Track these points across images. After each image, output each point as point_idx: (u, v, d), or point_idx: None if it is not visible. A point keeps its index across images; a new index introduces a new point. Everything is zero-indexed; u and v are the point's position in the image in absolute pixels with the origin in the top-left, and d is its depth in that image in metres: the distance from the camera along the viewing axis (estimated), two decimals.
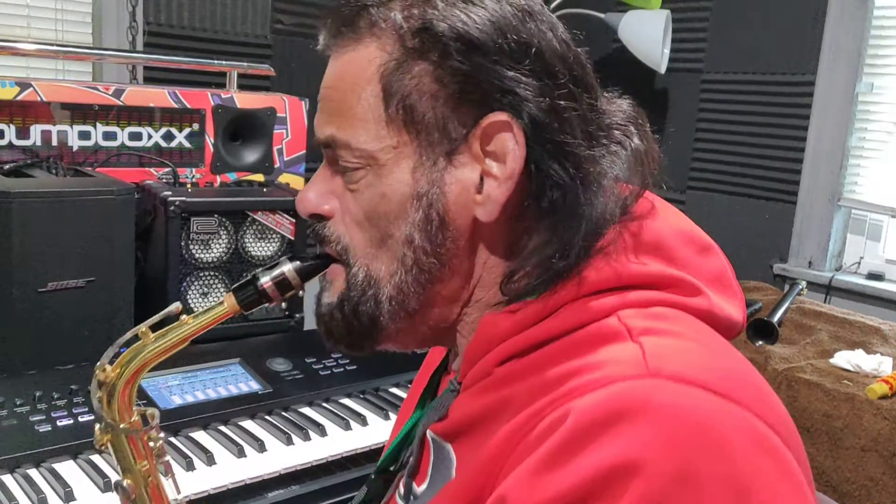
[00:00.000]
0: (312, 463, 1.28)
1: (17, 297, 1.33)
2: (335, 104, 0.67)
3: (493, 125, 0.62)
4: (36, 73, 2.30)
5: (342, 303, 0.69)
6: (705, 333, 0.63)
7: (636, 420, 0.52)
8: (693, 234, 0.71)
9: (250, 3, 2.66)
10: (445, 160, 0.64)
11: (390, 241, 0.66)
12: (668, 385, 0.54)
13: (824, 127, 2.71)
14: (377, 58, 0.64)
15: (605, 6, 3.03)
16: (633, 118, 0.69)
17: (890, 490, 1.74)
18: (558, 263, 0.62)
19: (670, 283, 0.64)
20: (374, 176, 0.65)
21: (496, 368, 0.64)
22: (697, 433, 0.51)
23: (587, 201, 0.63)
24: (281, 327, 1.67)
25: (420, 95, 0.63)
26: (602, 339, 0.59)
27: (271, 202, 1.64)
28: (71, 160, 1.66)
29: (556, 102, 0.62)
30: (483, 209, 0.64)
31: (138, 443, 0.76)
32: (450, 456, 0.67)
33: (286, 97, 1.93)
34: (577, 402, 0.54)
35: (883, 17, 2.62)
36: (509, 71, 0.62)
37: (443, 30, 0.62)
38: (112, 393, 0.74)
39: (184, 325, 0.73)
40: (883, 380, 1.85)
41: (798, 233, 2.80)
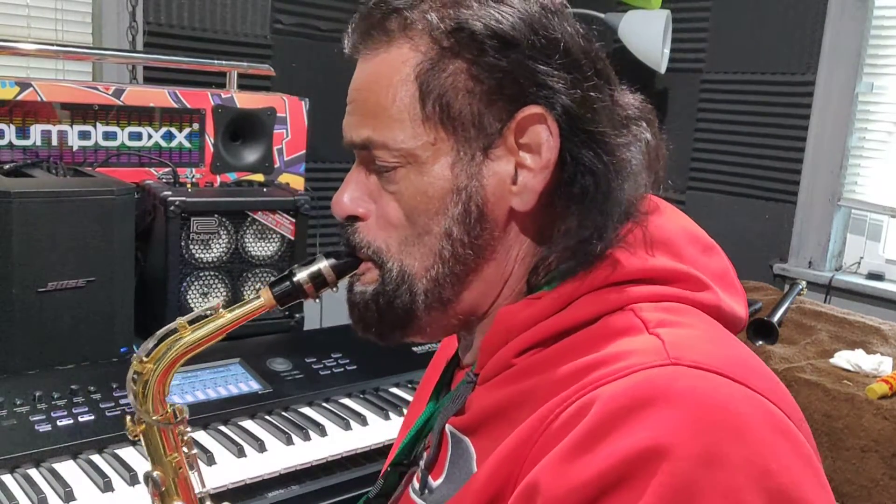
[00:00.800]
0: (312, 463, 1.28)
1: (17, 297, 1.33)
2: (369, 106, 0.68)
3: (527, 118, 0.65)
4: (36, 73, 2.30)
5: (377, 296, 0.70)
6: (715, 327, 0.65)
7: (661, 405, 0.54)
8: (697, 233, 0.73)
9: (250, 3, 2.65)
10: (482, 154, 0.66)
11: (427, 236, 0.68)
12: (690, 372, 0.56)
13: (824, 127, 2.71)
14: (412, 58, 0.66)
15: (605, 6, 3.03)
16: (646, 113, 0.72)
17: (890, 491, 1.74)
18: (595, 246, 0.65)
19: (680, 278, 0.66)
20: (414, 174, 0.67)
21: (516, 359, 0.66)
22: (720, 417, 0.53)
23: (619, 186, 0.65)
24: (281, 327, 1.67)
25: (456, 93, 0.65)
26: (620, 332, 0.62)
27: (271, 202, 1.64)
28: (71, 160, 1.66)
29: (586, 94, 0.65)
30: (519, 199, 0.66)
31: (169, 435, 0.78)
32: (469, 450, 0.68)
33: (286, 97, 1.93)
34: (602, 389, 0.56)
35: (883, 17, 2.62)
36: (542, 66, 0.64)
37: (478, 28, 0.64)
38: (147, 385, 0.75)
39: (219, 318, 0.75)
40: (883, 380, 1.85)
41: (798, 233, 2.80)
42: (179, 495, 0.79)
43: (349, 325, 0.74)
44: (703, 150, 3.06)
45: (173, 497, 0.78)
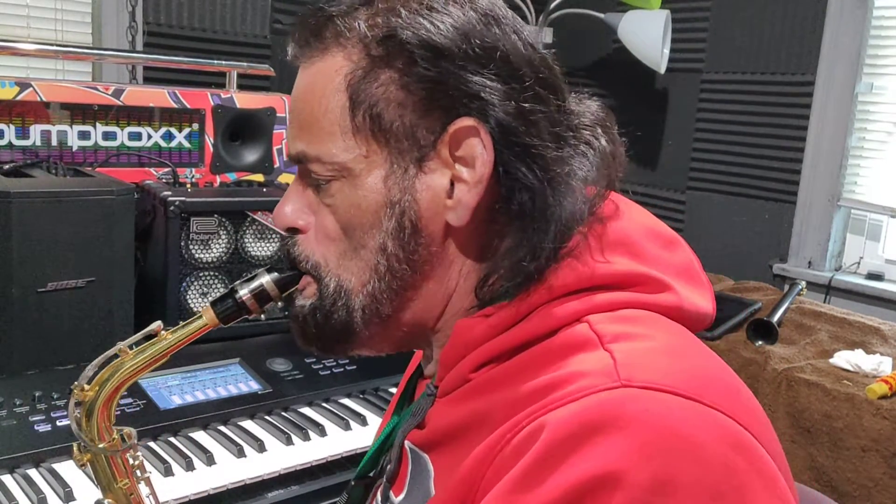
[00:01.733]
0: (312, 463, 1.28)
1: (17, 297, 1.33)
2: (303, 118, 0.67)
3: (460, 130, 0.63)
4: (36, 73, 2.30)
5: (314, 310, 0.70)
6: (674, 333, 0.63)
7: (610, 431, 0.52)
8: (657, 228, 0.71)
9: (250, 3, 2.66)
10: (416, 167, 0.64)
11: (363, 250, 0.66)
12: (640, 394, 0.54)
13: (824, 127, 2.71)
14: (343, 67, 0.65)
15: (605, 6, 3.03)
16: (601, 119, 0.70)
17: (890, 490, 1.74)
18: (529, 266, 0.63)
19: (637, 282, 0.65)
20: (349, 187, 0.66)
21: (473, 374, 0.65)
22: (670, 440, 0.52)
23: (556, 202, 0.63)
24: (281, 327, 1.67)
25: (387, 103, 0.63)
26: (574, 348, 0.60)
27: (271, 202, 1.64)
28: (71, 160, 1.66)
29: (522, 105, 0.63)
30: (454, 214, 0.64)
31: (118, 461, 0.76)
32: (427, 467, 0.67)
33: (286, 97, 1.93)
34: (550, 415, 0.55)
35: (883, 17, 2.62)
36: (475, 76, 0.62)
37: (407, 37, 0.62)
38: (91, 412, 0.74)
39: (162, 341, 0.73)
40: (883, 380, 1.85)
41: (798, 233, 2.80)
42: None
43: None
44: (702, 150, 3.06)
45: None
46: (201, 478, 1.19)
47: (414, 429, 0.70)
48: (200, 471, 1.21)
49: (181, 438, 1.28)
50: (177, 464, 1.20)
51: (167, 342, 0.73)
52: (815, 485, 1.85)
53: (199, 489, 1.16)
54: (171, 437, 1.28)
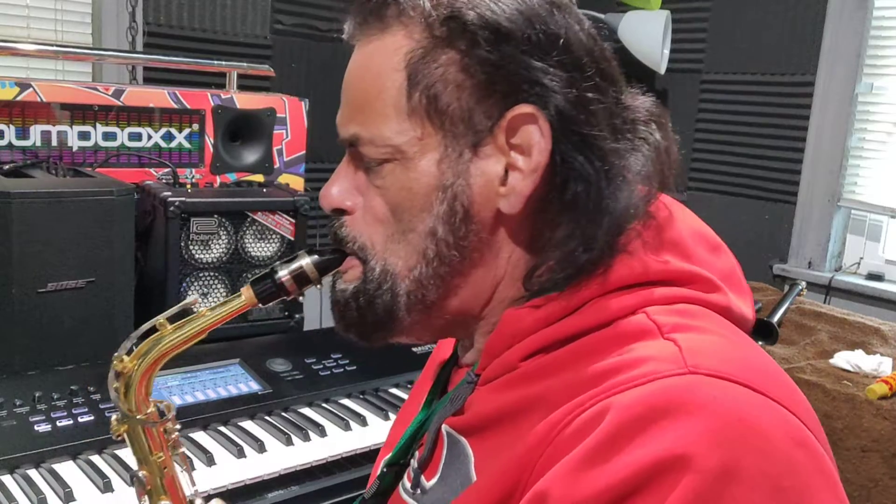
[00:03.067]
0: (312, 463, 1.28)
1: (17, 297, 1.33)
2: (358, 100, 0.66)
3: (518, 117, 0.62)
4: (36, 73, 2.30)
5: (357, 294, 0.68)
6: (729, 329, 0.63)
7: (680, 416, 0.52)
8: (704, 232, 0.71)
9: (250, 4, 2.66)
10: (471, 152, 0.63)
11: (412, 234, 0.65)
12: (709, 381, 0.54)
13: (824, 127, 2.71)
14: (404, 46, 0.63)
15: (605, 6, 3.03)
16: (655, 115, 0.69)
17: (891, 491, 1.74)
18: (581, 257, 0.62)
19: (691, 280, 0.64)
20: (400, 169, 0.65)
21: (522, 363, 0.64)
22: (739, 429, 0.52)
23: (611, 195, 0.62)
24: (281, 328, 1.67)
25: (445, 85, 0.62)
26: (634, 336, 0.59)
27: (271, 202, 1.64)
28: (71, 161, 1.66)
29: (583, 94, 0.62)
30: (507, 201, 0.63)
31: (154, 434, 0.77)
32: (465, 451, 0.66)
33: (286, 97, 1.93)
34: (617, 397, 0.55)
35: (883, 17, 2.62)
36: (537, 62, 0.61)
37: (471, 18, 0.61)
38: (129, 384, 0.74)
39: (201, 318, 0.73)
40: (883, 380, 1.85)
41: (798, 233, 2.80)
42: (167, 494, 0.77)
43: None
44: (702, 150, 3.06)
45: (160, 496, 0.77)
46: (201, 478, 1.19)
47: (451, 415, 0.68)
48: (200, 471, 1.21)
49: (181, 439, 1.28)
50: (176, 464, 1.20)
51: (205, 319, 0.73)
52: None
53: (199, 489, 1.16)
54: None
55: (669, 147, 0.68)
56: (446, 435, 0.69)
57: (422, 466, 0.71)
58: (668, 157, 0.68)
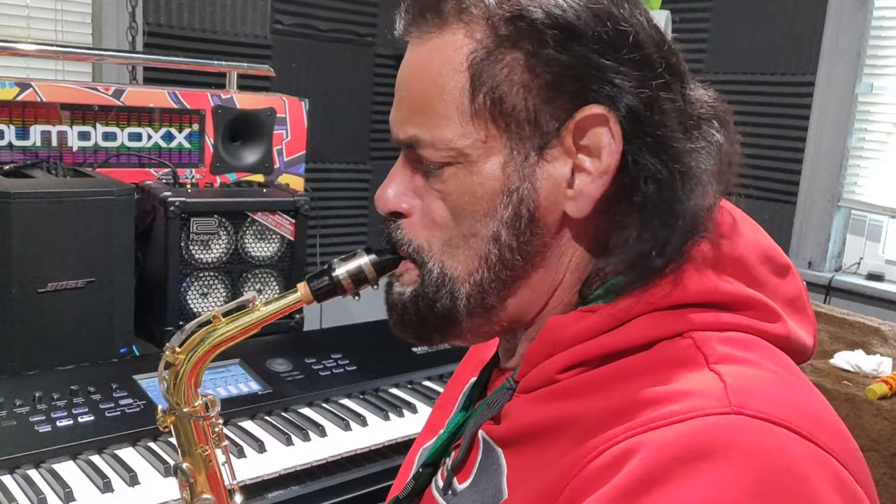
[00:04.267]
0: (312, 463, 1.28)
1: (17, 297, 1.33)
2: (416, 100, 0.64)
3: (587, 119, 0.59)
4: (36, 73, 2.30)
5: (416, 298, 0.67)
6: (782, 363, 0.59)
7: (720, 460, 0.49)
8: (772, 252, 0.67)
9: (250, 4, 2.66)
10: (537, 154, 0.61)
11: (473, 239, 0.63)
12: (754, 424, 0.51)
13: (824, 127, 2.71)
14: (465, 45, 0.61)
15: None
16: (719, 112, 0.66)
17: (890, 490, 1.74)
18: (654, 260, 0.59)
19: (749, 305, 0.61)
20: (463, 173, 0.62)
21: (561, 375, 0.61)
22: (784, 479, 0.49)
23: (686, 196, 0.60)
24: (281, 328, 1.67)
25: (511, 86, 0.60)
26: (678, 364, 0.56)
27: (271, 203, 1.64)
28: (71, 161, 1.66)
29: (655, 93, 0.59)
30: (574, 204, 0.61)
31: (201, 427, 0.77)
32: (499, 461, 0.64)
33: (286, 97, 1.93)
34: (651, 434, 0.51)
35: (883, 17, 2.62)
36: (608, 61, 0.58)
37: (539, 17, 0.58)
38: (179, 376, 0.74)
39: (255, 312, 0.72)
40: (883, 380, 1.85)
41: (798, 233, 2.80)
42: (209, 487, 0.78)
43: (349, 326, 0.74)
44: None
45: (202, 489, 0.77)
46: None
47: (489, 420, 0.66)
48: None
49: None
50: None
51: (260, 313, 0.72)
52: None
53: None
54: (171, 438, 1.28)
55: (732, 149, 0.65)
56: (482, 441, 0.67)
57: (455, 469, 0.69)
58: (729, 160, 0.64)
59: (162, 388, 0.75)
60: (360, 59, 2.93)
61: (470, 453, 0.68)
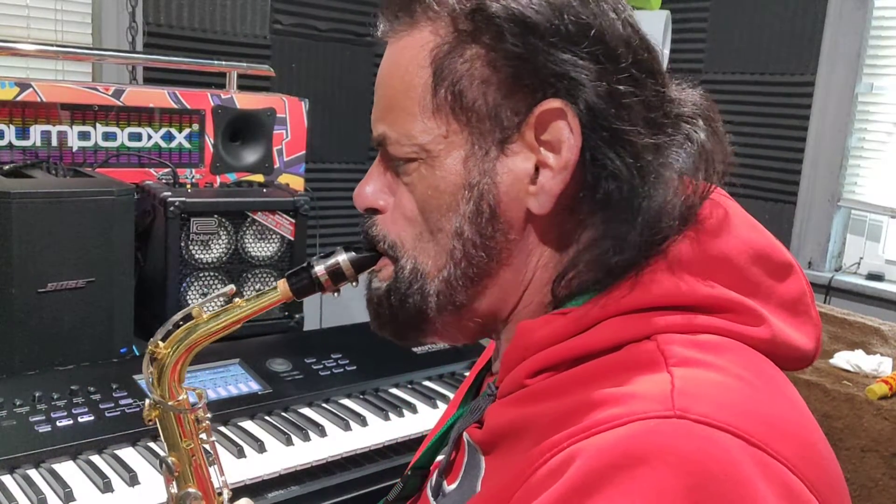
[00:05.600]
0: (312, 463, 1.28)
1: (17, 297, 1.33)
2: (387, 98, 0.65)
3: (547, 113, 0.59)
4: (36, 73, 2.30)
5: (389, 293, 0.68)
6: (753, 368, 0.57)
7: (657, 465, 0.47)
8: (770, 251, 0.64)
9: (249, 4, 2.66)
10: (498, 149, 0.61)
11: (440, 234, 0.64)
12: (695, 429, 0.49)
13: (824, 127, 2.71)
14: (430, 42, 0.62)
15: None
16: (703, 110, 0.65)
17: (890, 491, 1.74)
18: (612, 258, 0.59)
19: (729, 308, 0.59)
20: (426, 168, 0.63)
21: (530, 380, 0.61)
22: (724, 485, 0.47)
23: (645, 193, 0.59)
24: (281, 328, 1.67)
25: (471, 81, 0.61)
26: (635, 366, 0.55)
27: (271, 203, 1.64)
28: (71, 161, 1.66)
29: (615, 87, 0.59)
30: (536, 200, 0.61)
31: (185, 421, 0.78)
32: (480, 464, 0.65)
33: (286, 97, 1.93)
34: (587, 442, 0.51)
35: (883, 17, 2.62)
36: (565, 54, 0.58)
37: (496, 10, 0.59)
38: (162, 370, 0.75)
39: (236, 308, 0.73)
40: (883, 380, 1.85)
41: (798, 233, 2.80)
42: (194, 482, 0.78)
43: (349, 326, 0.74)
44: None
45: (188, 483, 0.78)
46: None
47: (474, 424, 0.67)
48: None
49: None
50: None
51: (241, 310, 0.73)
52: None
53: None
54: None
55: (718, 145, 0.64)
56: (467, 444, 0.68)
57: (443, 472, 0.70)
58: (715, 155, 0.63)
59: (146, 382, 0.76)
60: (360, 60, 2.93)
61: (456, 457, 0.69)
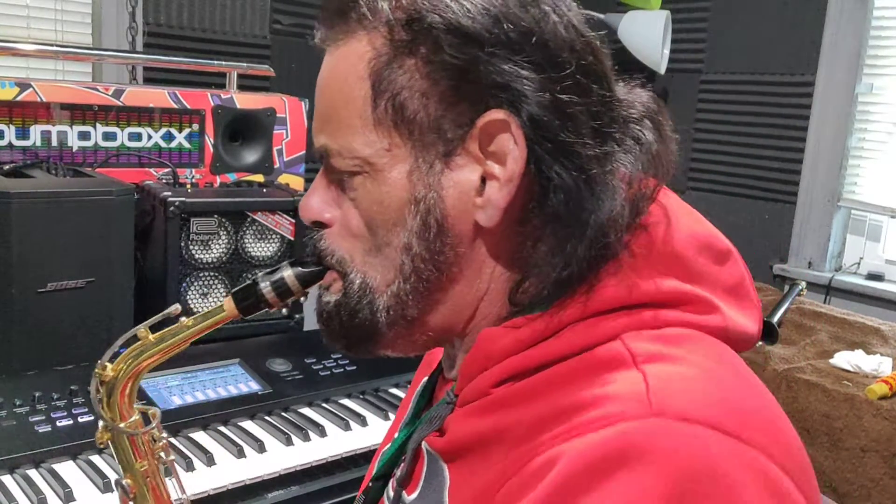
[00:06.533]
0: (312, 463, 1.28)
1: (17, 297, 1.33)
2: (326, 109, 0.64)
3: (490, 124, 0.58)
4: (36, 73, 2.30)
5: (339, 307, 0.67)
6: (716, 357, 0.58)
7: (637, 467, 0.48)
8: (710, 239, 0.65)
9: (249, 4, 2.66)
10: (442, 162, 0.60)
11: (387, 248, 0.63)
12: (673, 427, 0.50)
13: (824, 127, 2.71)
14: (367, 53, 0.60)
15: (605, 6, 3.03)
16: (650, 111, 0.65)
17: (890, 490, 1.74)
18: (561, 274, 0.58)
19: (684, 300, 0.60)
20: (370, 182, 0.62)
21: (494, 389, 0.60)
22: (704, 482, 0.48)
23: (593, 205, 0.58)
24: (281, 328, 1.67)
25: (411, 93, 0.59)
26: (604, 366, 0.55)
27: (271, 203, 1.64)
28: (71, 161, 1.66)
29: (559, 97, 0.57)
30: (484, 213, 0.60)
31: (138, 442, 0.76)
32: (443, 474, 0.64)
33: (286, 97, 1.93)
34: (568, 444, 0.51)
35: (883, 17, 2.62)
36: (505, 64, 0.57)
37: (433, 20, 0.57)
38: (112, 392, 0.74)
39: (183, 329, 0.72)
40: (883, 380, 1.85)
41: (798, 233, 2.80)
42: (151, 502, 0.77)
43: None
44: (702, 150, 3.06)
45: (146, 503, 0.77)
46: (201, 478, 1.19)
47: (434, 433, 0.66)
48: (200, 471, 1.21)
49: (181, 439, 1.28)
50: (177, 464, 1.20)
51: (187, 331, 0.72)
52: None
53: (199, 489, 1.16)
54: (171, 438, 1.27)
55: (665, 147, 0.64)
56: (426, 453, 0.67)
57: (401, 482, 0.69)
58: (662, 157, 0.63)
59: (95, 405, 0.75)
60: None
61: (415, 466, 0.68)
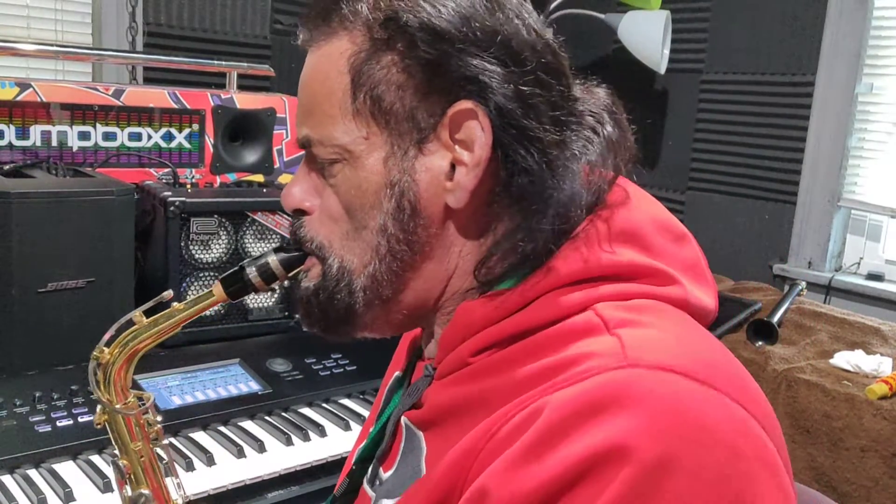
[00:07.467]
0: (312, 463, 1.28)
1: (17, 297, 1.33)
2: (308, 103, 0.69)
3: (459, 113, 0.64)
4: (36, 73, 2.30)
5: (318, 291, 0.71)
6: (683, 322, 0.64)
7: (616, 410, 0.52)
8: (668, 222, 0.71)
9: (250, 4, 2.66)
10: (416, 149, 0.66)
11: (364, 231, 0.68)
12: (649, 374, 0.55)
13: (824, 127, 2.71)
14: (347, 50, 0.66)
15: (605, 6, 3.03)
16: (608, 106, 0.71)
17: (890, 490, 1.74)
18: (526, 247, 0.64)
19: (645, 273, 0.65)
20: (349, 168, 0.67)
21: (473, 358, 0.65)
22: (679, 420, 0.52)
23: (554, 185, 0.64)
24: (281, 328, 1.67)
25: (388, 86, 0.65)
26: (580, 333, 0.60)
27: (271, 202, 1.64)
28: (71, 161, 1.66)
29: (522, 89, 0.64)
30: (453, 196, 0.65)
31: (133, 424, 0.80)
32: (420, 444, 0.68)
33: (286, 97, 1.93)
34: (554, 395, 0.55)
35: (883, 17, 2.62)
36: (474, 59, 0.63)
37: (408, 20, 0.64)
38: (108, 374, 0.78)
39: (175, 313, 0.77)
40: (883, 380, 1.85)
41: (798, 233, 2.80)
42: (147, 483, 0.81)
43: None
44: (702, 150, 3.06)
45: (140, 485, 0.81)
46: (201, 478, 1.19)
47: (411, 408, 0.71)
48: (200, 471, 1.21)
49: (181, 439, 1.29)
50: (177, 464, 1.20)
51: (179, 315, 0.77)
52: (815, 485, 1.84)
53: (199, 489, 1.16)
54: (171, 438, 1.28)
55: (622, 136, 0.70)
56: (405, 427, 0.71)
57: (380, 459, 0.73)
58: (619, 146, 0.69)
59: (93, 386, 0.79)
60: None
61: (394, 442, 0.72)
